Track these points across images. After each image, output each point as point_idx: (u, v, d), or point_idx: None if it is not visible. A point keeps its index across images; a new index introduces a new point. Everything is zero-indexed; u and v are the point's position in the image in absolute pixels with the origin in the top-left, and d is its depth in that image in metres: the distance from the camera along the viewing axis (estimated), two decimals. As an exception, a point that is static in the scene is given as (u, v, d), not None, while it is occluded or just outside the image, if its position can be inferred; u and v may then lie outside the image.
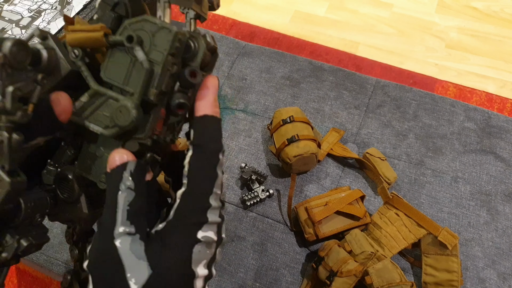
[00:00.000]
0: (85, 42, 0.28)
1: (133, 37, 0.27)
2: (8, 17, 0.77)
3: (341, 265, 0.57)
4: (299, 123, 0.72)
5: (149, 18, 0.27)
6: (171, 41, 0.27)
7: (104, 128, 0.29)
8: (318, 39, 1.08)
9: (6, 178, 0.25)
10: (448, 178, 0.74)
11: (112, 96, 0.28)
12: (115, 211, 0.26)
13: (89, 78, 0.29)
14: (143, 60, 0.27)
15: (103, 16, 0.30)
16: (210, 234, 0.27)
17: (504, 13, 1.14)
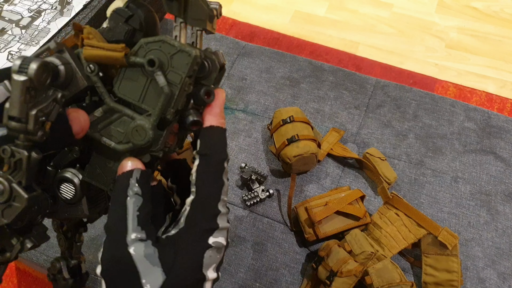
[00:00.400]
0: (103, 60, 0.28)
1: (155, 61, 0.28)
2: (8, 17, 0.77)
3: (341, 265, 0.57)
4: (299, 123, 0.72)
5: (167, 39, 0.28)
6: (190, 64, 0.28)
7: (117, 143, 0.29)
8: (318, 39, 1.08)
9: (24, 194, 0.26)
10: (448, 178, 0.74)
11: (128, 114, 0.29)
12: (125, 217, 0.27)
13: (105, 95, 0.29)
14: (164, 85, 0.28)
15: (116, 28, 0.30)
16: (220, 240, 0.28)
17: (504, 13, 1.14)
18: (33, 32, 0.74)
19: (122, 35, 0.30)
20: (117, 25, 0.30)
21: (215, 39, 0.95)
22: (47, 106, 0.25)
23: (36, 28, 0.75)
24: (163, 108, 0.28)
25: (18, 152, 0.25)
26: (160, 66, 0.28)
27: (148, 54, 0.28)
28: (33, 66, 0.24)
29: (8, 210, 0.26)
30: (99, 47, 0.28)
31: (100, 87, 0.29)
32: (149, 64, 0.28)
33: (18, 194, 0.26)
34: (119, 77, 0.29)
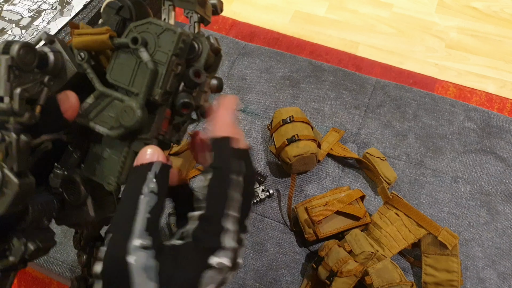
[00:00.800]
0: (91, 45, 0.28)
1: (138, 38, 0.28)
2: (8, 17, 0.77)
3: (341, 265, 0.57)
4: (299, 123, 0.72)
5: (153, 20, 0.28)
6: (176, 42, 0.28)
7: (110, 129, 0.29)
8: (318, 39, 1.08)
9: (14, 179, 0.25)
10: (448, 178, 0.74)
11: (118, 97, 0.29)
12: (133, 218, 0.25)
13: (94, 80, 0.29)
14: (147, 60, 0.28)
15: (108, 20, 0.30)
16: (224, 261, 0.26)
17: (504, 13, 1.14)
18: (33, 32, 0.74)
19: (114, 26, 0.30)
20: (109, 18, 0.30)
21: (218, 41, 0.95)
22: (33, 87, 0.26)
23: (36, 28, 0.75)
24: (149, 85, 0.28)
25: (8, 136, 0.25)
26: (144, 44, 0.28)
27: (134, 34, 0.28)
28: (14, 46, 0.25)
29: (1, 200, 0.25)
30: (86, 34, 0.28)
31: (90, 73, 0.29)
32: (132, 42, 0.28)
33: (9, 180, 0.25)
34: (111, 64, 0.29)
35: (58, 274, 0.66)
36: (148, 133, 0.29)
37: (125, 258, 0.24)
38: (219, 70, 0.90)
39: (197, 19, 0.33)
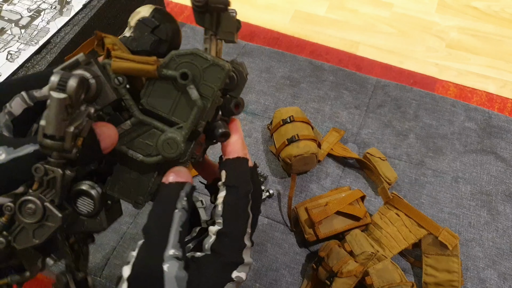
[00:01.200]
0: (134, 73, 0.27)
1: (188, 74, 0.27)
2: (8, 17, 0.77)
3: (342, 266, 0.57)
4: (299, 123, 0.72)
5: (199, 52, 0.28)
6: (223, 78, 0.28)
7: (145, 156, 0.29)
8: (318, 39, 1.08)
9: (58, 213, 0.25)
10: (449, 178, 0.74)
11: (158, 126, 0.29)
12: (168, 230, 0.27)
13: (133, 108, 0.29)
14: (197, 99, 0.28)
15: (141, 38, 0.30)
16: (242, 275, 0.28)
17: (505, 12, 1.14)
18: (32, 31, 0.74)
19: (148, 46, 0.30)
20: (143, 35, 0.30)
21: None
22: (81, 123, 0.25)
23: (35, 28, 0.75)
24: (195, 121, 0.28)
25: (52, 171, 0.25)
26: (192, 79, 0.28)
27: (180, 66, 0.28)
28: (72, 83, 0.23)
29: (40, 230, 0.25)
30: (129, 59, 0.27)
31: (128, 100, 0.28)
32: (182, 77, 0.27)
33: (51, 214, 0.25)
34: (147, 89, 0.29)
35: (58, 274, 0.66)
36: (184, 158, 0.30)
37: (161, 265, 0.26)
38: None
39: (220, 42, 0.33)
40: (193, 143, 0.30)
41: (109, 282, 0.63)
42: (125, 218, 0.69)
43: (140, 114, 0.29)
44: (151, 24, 0.30)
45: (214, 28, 0.30)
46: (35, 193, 0.25)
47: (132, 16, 0.31)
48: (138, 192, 0.31)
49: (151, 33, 0.30)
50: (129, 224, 0.69)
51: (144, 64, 0.27)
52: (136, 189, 0.31)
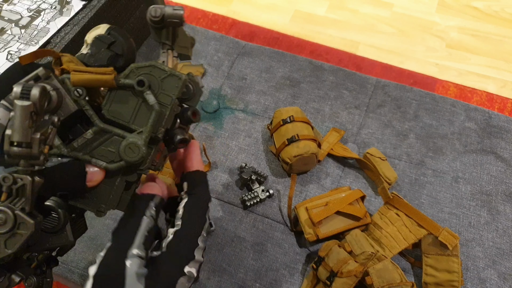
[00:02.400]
0: (92, 84, 0.29)
1: (145, 81, 0.29)
2: (8, 17, 0.77)
3: (342, 266, 0.57)
4: (299, 123, 0.72)
5: (157, 64, 0.30)
6: (180, 87, 0.30)
7: (109, 163, 0.31)
8: (318, 39, 1.08)
9: (29, 220, 0.26)
10: (449, 178, 0.74)
11: (119, 133, 0.30)
12: (135, 232, 0.30)
13: (94, 117, 0.30)
14: (154, 103, 0.30)
15: (98, 53, 0.32)
16: (193, 270, 0.32)
17: (505, 12, 1.14)
18: (32, 31, 0.74)
19: (105, 60, 0.31)
20: (99, 51, 0.32)
21: (215, 39, 0.95)
22: (46, 131, 0.26)
23: (35, 28, 0.75)
24: (154, 126, 0.30)
25: (21, 179, 0.25)
26: (149, 87, 0.30)
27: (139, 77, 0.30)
28: (35, 91, 0.24)
29: (12, 240, 0.25)
30: (87, 71, 0.29)
31: (89, 110, 0.30)
32: (138, 85, 0.29)
33: (23, 221, 0.25)
34: (108, 100, 0.30)
35: (58, 274, 0.66)
36: (145, 165, 0.32)
37: (124, 261, 0.29)
38: (220, 70, 0.90)
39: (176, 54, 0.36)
40: (153, 149, 0.32)
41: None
42: (125, 218, 0.69)
43: (101, 122, 0.30)
44: (107, 40, 0.32)
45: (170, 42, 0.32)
46: (4, 203, 0.25)
47: (88, 34, 0.33)
48: (100, 200, 0.32)
49: (108, 49, 0.32)
50: (129, 224, 0.69)
51: (101, 75, 0.29)
52: (98, 197, 0.32)
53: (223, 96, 0.86)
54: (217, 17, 1.11)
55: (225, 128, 0.81)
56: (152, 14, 0.30)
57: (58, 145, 0.29)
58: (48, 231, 0.31)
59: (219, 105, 0.85)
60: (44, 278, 0.35)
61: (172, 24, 0.31)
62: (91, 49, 0.32)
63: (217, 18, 1.11)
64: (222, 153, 0.78)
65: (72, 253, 0.66)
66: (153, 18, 0.30)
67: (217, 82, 0.88)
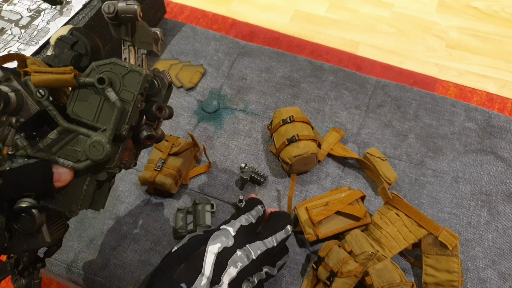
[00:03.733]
0: (53, 84, 0.29)
1: (105, 79, 0.29)
2: (8, 17, 0.77)
3: (341, 266, 0.57)
4: (299, 123, 0.72)
5: (117, 61, 0.30)
6: (141, 82, 0.30)
7: (75, 162, 0.30)
8: (318, 39, 1.08)
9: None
10: (449, 178, 0.74)
11: (83, 132, 0.30)
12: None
13: (58, 117, 0.30)
14: (115, 100, 0.29)
15: (61, 54, 0.32)
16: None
17: (505, 12, 1.14)
18: (32, 31, 0.74)
19: (69, 61, 0.31)
20: (63, 51, 0.32)
21: (215, 39, 0.95)
22: (2, 131, 0.26)
23: (35, 28, 0.75)
24: (117, 122, 0.30)
25: None
26: (110, 84, 0.29)
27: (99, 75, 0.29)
28: None
29: None
30: (47, 72, 0.28)
31: (52, 110, 0.30)
32: (99, 82, 0.29)
33: None
34: (71, 100, 0.30)
35: (58, 274, 0.66)
36: (112, 163, 0.32)
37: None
38: (219, 70, 0.90)
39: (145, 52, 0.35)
40: (120, 148, 0.32)
41: (109, 282, 0.63)
42: (126, 218, 0.69)
43: (64, 122, 0.30)
44: (69, 41, 0.32)
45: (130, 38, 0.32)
46: None
47: (52, 36, 0.33)
48: (71, 200, 0.32)
49: (71, 49, 0.32)
50: (129, 224, 0.69)
51: (61, 74, 0.28)
52: (69, 197, 0.32)
53: (223, 96, 0.86)
54: (217, 17, 1.11)
55: (225, 128, 0.81)
56: (105, 10, 0.30)
57: (24, 146, 0.29)
58: (24, 233, 0.31)
59: (219, 105, 0.85)
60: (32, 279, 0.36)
61: (127, 19, 0.30)
62: (55, 50, 0.32)
63: (217, 18, 1.11)
64: (222, 153, 0.78)
65: (72, 253, 0.66)
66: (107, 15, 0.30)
67: (217, 82, 0.88)
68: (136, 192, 0.72)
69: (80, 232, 0.68)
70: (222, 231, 0.44)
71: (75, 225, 0.69)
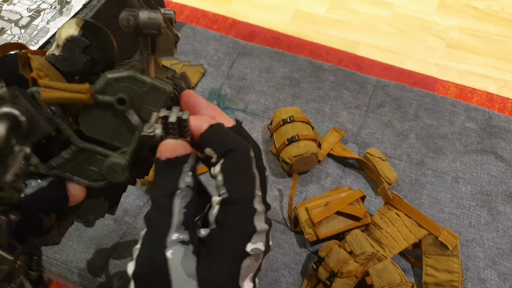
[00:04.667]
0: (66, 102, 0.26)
1: (126, 100, 0.26)
2: (7, 17, 0.77)
3: (342, 266, 0.57)
4: (299, 123, 0.72)
5: (136, 75, 0.26)
6: (164, 101, 0.27)
7: (92, 181, 0.29)
8: (318, 39, 1.08)
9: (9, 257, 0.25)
10: (449, 178, 0.74)
11: (100, 152, 0.28)
12: (170, 213, 0.24)
13: (72, 137, 0.27)
14: (138, 124, 0.27)
15: (71, 57, 0.28)
16: (259, 246, 0.24)
17: (505, 12, 1.14)
18: (32, 31, 0.74)
19: (80, 66, 0.28)
20: (73, 55, 0.28)
21: (215, 39, 0.95)
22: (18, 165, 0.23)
23: (35, 28, 0.75)
24: (138, 146, 0.27)
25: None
26: (131, 104, 0.26)
27: (117, 91, 0.26)
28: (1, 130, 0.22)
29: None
30: (59, 88, 0.25)
31: (66, 129, 0.27)
32: (119, 103, 0.26)
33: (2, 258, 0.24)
34: (85, 116, 0.27)
35: (57, 274, 0.66)
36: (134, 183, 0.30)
37: (164, 252, 0.23)
38: (219, 70, 0.90)
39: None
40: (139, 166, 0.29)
41: (109, 282, 0.63)
42: (125, 218, 0.69)
43: (80, 142, 0.28)
44: (81, 44, 0.27)
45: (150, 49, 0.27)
46: None
47: (59, 32, 0.28)
48: (89, 211, 0.31)
49: (82, 53, 0.28)
50: (129, 224, 0.68)
51: (76, 94, 0.25)
52: (85, 208, 0.31)
53: (223, 96, 0.86)
54: (217, 17, 1.11)
55: (225, 128, 0.81)
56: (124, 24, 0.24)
57: (36, 163, 0.27)
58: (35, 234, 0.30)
59: (219, 105, 0.85)
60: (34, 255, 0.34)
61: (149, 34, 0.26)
62: (64, 52, 0.28)
63: (217, 18, 1.11)
64: (222, 153, 0.78)
65: (72, 253, 0.66)
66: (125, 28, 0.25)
67: (217, 82, 0.88)
68: (136, 192, 0.72)
69: (80, 232, 0.68)
70: None
71: (75, 225, 0.68)
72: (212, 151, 0.25)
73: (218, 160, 0.25)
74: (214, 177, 0.25)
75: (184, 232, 0.24)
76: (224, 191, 0.24)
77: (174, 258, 0.23)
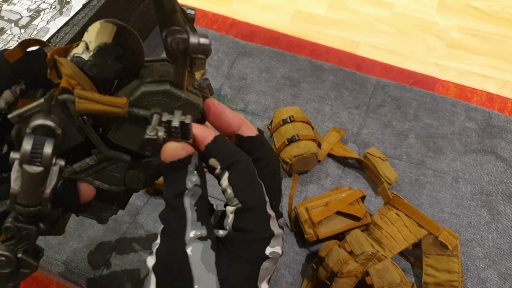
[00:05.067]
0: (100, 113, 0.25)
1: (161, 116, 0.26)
2: (7, 17, 0.77)
3: (342, 266, 0.57)
4: (299, 123, 0.72)
5: (172, 91, 0.26)
6: (196, 115, 0.27)
7: (111, 185, 0.30)
8: (318, 39, 1.08)
9: (34, 262, 0.25)
10: (449, 178, 0.74)
11: (125, 160, 0.29)
12: (183, 212, 0.25)
13: (101, 146, 0.28)
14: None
15: (103, 64, 0.27)
16: (277, 249, 0.26)
17: (505, 12, 1.14)
18: (32, 31, 0.74)
19: (112, 74, 0.27)
20: (105, 63, 0.27)
21: (215, 39, 0.95)
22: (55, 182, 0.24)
23: (35, 28, 0.75)
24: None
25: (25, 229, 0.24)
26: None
27: (150, 105, 0.26)
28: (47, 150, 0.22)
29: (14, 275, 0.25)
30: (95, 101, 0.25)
31: (95, 138, 0.27)
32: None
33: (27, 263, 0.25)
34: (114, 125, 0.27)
35: (57, 274, 0.66)
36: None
37: (184, 249, 0.24)
38: (219, 70, 0.90)
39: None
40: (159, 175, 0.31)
41: (109, 282, 0.63)
42: (125, 218, 0.69)
43: (107, 150, 0.28)
44: (115, 53, 0.27)
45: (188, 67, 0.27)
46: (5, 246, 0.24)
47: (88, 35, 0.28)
48: (103, 209, 0.31)
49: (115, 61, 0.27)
50: (129, 224, 0.68)
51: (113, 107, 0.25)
52: (99, 206, 0.31)
53: (223, 96, 0.86)
54: (217, 17, 1.11)
55: (225, 128, 0.81)
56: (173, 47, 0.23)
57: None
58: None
59: (219, 105, 0.85)
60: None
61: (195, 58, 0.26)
62: (95, 58, 0.27)
63: (217, 18, 1.11)
64: (222, 153, 0.78)
65: (72, 253, 0.66)
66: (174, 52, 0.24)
67: (217, 82, 0.88)
68: (136, 192, 0.72)
69: (80, 232, 0.68)
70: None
71: (74, 225, 0.68)
72: (216, 162, 0.27)
73: (222, 172, 0.27)
74: (224, 191, 0.26)
75: (202, 228, 0.25)
76: (237, 202, 0.26)
77: (194, 255, 0.24)
